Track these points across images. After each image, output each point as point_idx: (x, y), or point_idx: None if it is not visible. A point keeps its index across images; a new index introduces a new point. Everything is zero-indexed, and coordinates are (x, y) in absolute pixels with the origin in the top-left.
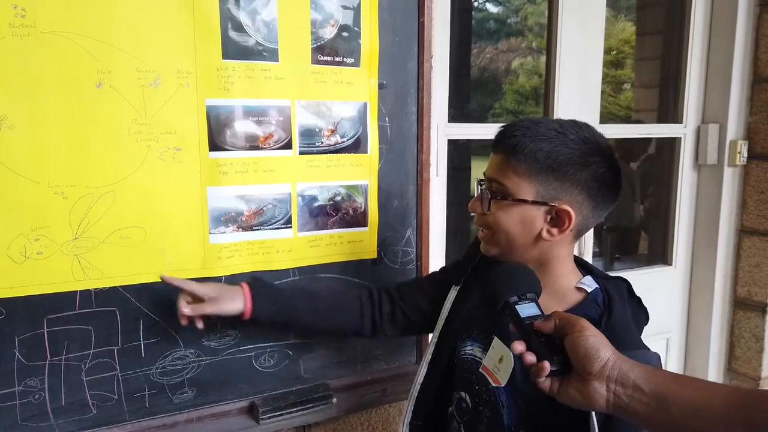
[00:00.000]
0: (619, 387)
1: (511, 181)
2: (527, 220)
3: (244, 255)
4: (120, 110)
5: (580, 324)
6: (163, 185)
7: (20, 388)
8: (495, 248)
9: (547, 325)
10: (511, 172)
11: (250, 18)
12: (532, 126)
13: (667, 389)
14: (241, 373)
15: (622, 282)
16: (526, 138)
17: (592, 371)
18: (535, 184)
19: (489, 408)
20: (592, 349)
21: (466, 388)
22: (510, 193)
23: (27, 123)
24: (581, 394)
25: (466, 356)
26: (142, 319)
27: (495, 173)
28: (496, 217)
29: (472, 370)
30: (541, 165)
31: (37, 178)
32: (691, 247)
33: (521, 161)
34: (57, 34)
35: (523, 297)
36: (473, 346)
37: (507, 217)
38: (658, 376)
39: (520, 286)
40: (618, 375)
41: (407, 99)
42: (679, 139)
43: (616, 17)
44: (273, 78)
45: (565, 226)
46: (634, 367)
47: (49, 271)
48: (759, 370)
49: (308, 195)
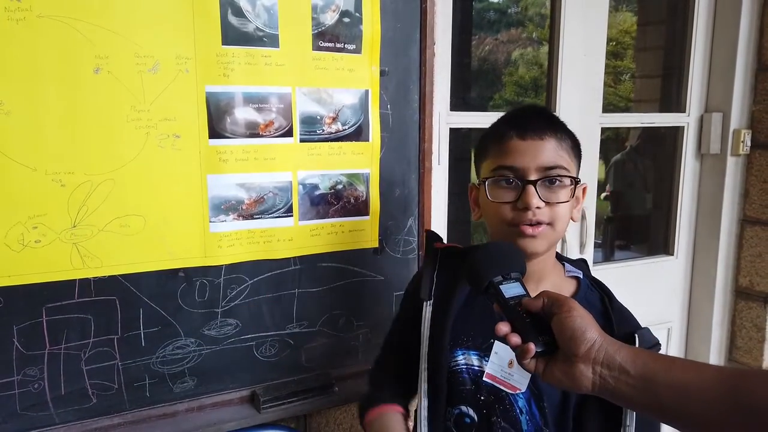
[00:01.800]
0: (605, 369)
1: (568, 163)
2: (572, 203)
3: (245, 244)
4: (118, 96)
5: (568, 304)
6: (163, 173)
7: (19, 377)
8: (547, 243)
9: (535, 303)
10: (566, 154)
11: (250, 3)
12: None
13: (653, 370)
14: (242, 362)
15: (584, 264)
16: (561, 121)
17: (578, 353)
18: (576, 164)
19: (503, 418)
20: (578, 330)
21: (468, 401)
22: (574, 175)
23: (23, 109)
24: (566, 376)
25: (458, 368)
26: (142, 308)
27: (555, 158)
28: (564, 207)
29: (472, 381)
30: (577, 145)
31: (34, 165)
32: (693, 237)
33: (568, 141)
34: (53, 18)
35: (508, 276)
36: (466, 354)
37: (568, 204)
38: (644, 357)
39: (504, 265)
40: (604, 357)
41: (409, 86)
42: (682, 128)
43: (616, 8)
44: (273, 64)
45: (581, 203)
46: (620, 349)
47: (47, 259)
48: (760, 359)
49: (309, 183)
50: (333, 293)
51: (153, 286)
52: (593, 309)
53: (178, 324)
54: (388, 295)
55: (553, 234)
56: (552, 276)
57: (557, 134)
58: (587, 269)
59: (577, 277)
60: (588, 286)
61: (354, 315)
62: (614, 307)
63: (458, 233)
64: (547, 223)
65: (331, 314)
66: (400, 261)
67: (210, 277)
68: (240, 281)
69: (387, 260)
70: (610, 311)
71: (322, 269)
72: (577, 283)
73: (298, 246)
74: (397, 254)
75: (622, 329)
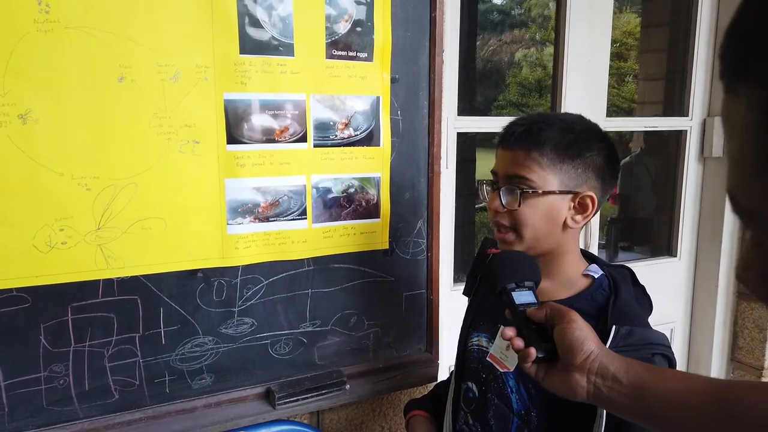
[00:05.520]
0: (599, 379)
1: (536, 174)
2: (554, 211)
3: (261, 245)
4: (141, 104)
5: (569, 316)
6: (183, 177)
7: (46, 373)
8: (519, 245)
9: (538, 313)
10: (536, 165)
11: (267, 13)
12: (545, 119)
13: (644, 381)
14: (258, 359)
15: (626, 270)
16: (547, 130)
17: (575, 363)
18: (559, 174)
19: (497, 395)
20: (577, 342)
21: (473, 378)
22: (537, 187)
23: (51, 116)
24: (563, 383)
25: (472, 347)
26: (162, 307)
27: (517, 168)
28: (522, 214)
29: (479, 360)
30: (564, 155)
31: (61, 170)
32: (695, 239)
33: (546, 153)
34: (80, 30)
35: (521, 284)
36: (479, 336)
37: (534, 212)
38: (636, 368)
39: (519, 273)
40: (598, 367)
41: (419, 93)
42: (685, 132)
43: (620, 9)
44: (288, 72)
45: (588, 212)
46: (614, 360)
47: (73, 260)
48: (762, 360)
49: (322, 187)
50: (345, 293)
51: (173, 286)
52: (594, 305)
53: (197, 323)
54: (398, 296)
55: (522, 239)
56: (564, 273)
57: (534, 144)
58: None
59: (593, 276)
60: (600, 287)
61: (365, 314)
62: (617, 304)
63: (465, 234)
64: (512, 228)
65: (343, 314)
66: (410, 262)
67: (227, 278)
68: (256, 281)
69: (397, 261)
70: (608, 308)
71: (334, 270)
72: (591, 282)
73: (312, 248)
74: (407, 256)
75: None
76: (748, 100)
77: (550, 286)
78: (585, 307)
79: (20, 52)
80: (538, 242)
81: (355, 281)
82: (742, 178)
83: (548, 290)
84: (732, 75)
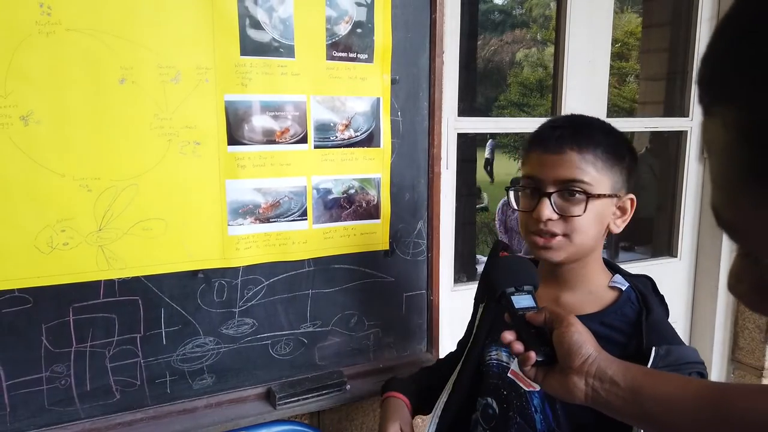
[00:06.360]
0: (597, 381)
1: (591, 177)
2: (603, 216)
3: (261, 246)
4: (142, 105)
5: (567, 320)
6: (184, 178)
7: (47, 373)
8: (564, 253)
9: (537, 317)
10: (591, 168)
11: (268, 15)
12: (582, 120)
13: (641, 384)
14: (258, 360)
15: (647, 280)
16: (594, 132)
17: (573, 366)
18: (610, 177)
19: (519, 414)
20: (575, 345)
21: (493, 394)
22: (594, 191)
23: (53, 118)
24: (562, 386)
25: (491, 361)
26: (164, 308)
27: (573, 172)
28: (582, 220)
29: (498, 376)
30: (613, 157)
31: (62, 171)
32: (696, 239)
33: (599, 155)
34: (81, 32)
35: (521, 289)
36: (498, 350)
37: (589, 217)
38: (634, 371)
39: (518, 278)
40: (596, 370)
41: (419, 94)
42: (685, 132)
43: (621, 9)
44: (289, 74)
45: (627, 215)
46: (612, 364)
47: (74, 261)
48: (762, 360)
49: (323, 188)
50: (345, 294)
51: (174, 287)
52: (625, 320)
53: (198, 323)
54: (398, 296)
55: (571, 246)
56: (590, 284)
57: (581, 148)
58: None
59: (620, 288)
60: (629, 300)
61: (365, 315)
62: (650, 321)
63: (465, 235)
64: (564, 235)
65: (343, 314)
66: (410, 263)
67: (228, 278)
68: (256, 282)
69: (397, 262)
70: (642, 325)
71: (334, 271)
72: (618, 295)
73: (312, 248)
74: (407, 256)
75: (652, 342)
76: (724, 120)
77: (577, 298)
78: (616, 323)
79: (22, 53)
80: (584, 248)
81: (355, 282)
82: (724, 195)
83: (574, 304)
84: (708, 99)
